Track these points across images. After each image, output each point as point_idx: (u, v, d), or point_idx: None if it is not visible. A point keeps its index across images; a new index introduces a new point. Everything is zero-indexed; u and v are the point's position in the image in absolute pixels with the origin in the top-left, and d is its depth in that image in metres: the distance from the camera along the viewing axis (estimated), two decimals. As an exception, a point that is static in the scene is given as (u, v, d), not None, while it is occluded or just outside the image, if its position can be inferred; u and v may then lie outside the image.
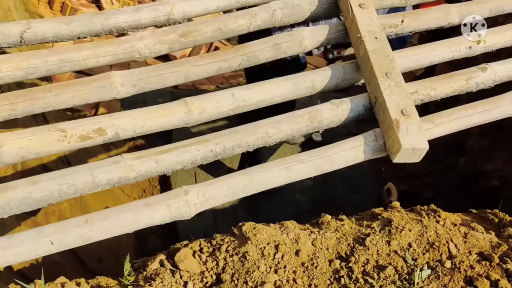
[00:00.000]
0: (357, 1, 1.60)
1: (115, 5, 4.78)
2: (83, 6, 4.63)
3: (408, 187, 3.35)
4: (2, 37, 1.47)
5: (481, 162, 2.92)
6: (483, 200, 2.86)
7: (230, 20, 1.62)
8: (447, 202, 3.12)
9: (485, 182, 2.82)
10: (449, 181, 3.20)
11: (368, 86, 1.48)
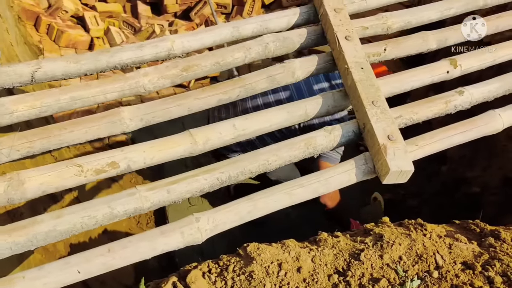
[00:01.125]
0: (343, 34, 1.74)
1: (100, 25, 4.86)
2: (69, 27, 4.70)
3: (393, 196, 3.50)
4: (14, 77, 1.58)
5: (462, 169, 3.09)
6: (465, 206, 3.03)
7: (227, 54, 1.75)
8: (431, 210, 3.29)
9: (467, 188, 2.99)
10: (432, 188, 3.36)
11: (356, 113, 1.62)
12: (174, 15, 5.49)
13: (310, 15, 1.92)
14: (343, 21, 1.78)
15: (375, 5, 1.99)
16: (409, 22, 1.95)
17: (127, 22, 5.16)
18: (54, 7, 4.72)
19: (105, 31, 4.85)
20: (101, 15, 5.04)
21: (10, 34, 2.04)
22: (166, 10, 5.42)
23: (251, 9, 5.37)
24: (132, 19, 5.23)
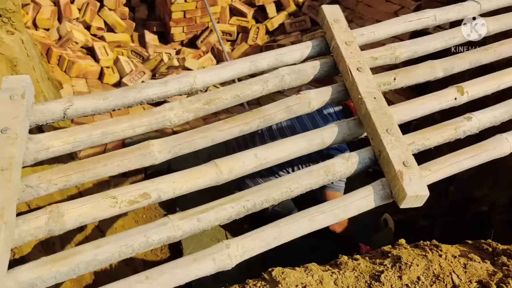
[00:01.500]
0: (355, 65, 1.84)
1: (110, 55, 5.00)
2: (79, 58, 4.84)
3: (404, 216, 3.56)
4: (48, 114, 1.67)
5: (470, 189, 3.16)
6: (475, 225, 3.10)
7: (246, 87, 1.85)
8: (441, 229, 3.35)
9: (475, 208, 3.06)
10: (441, 208, 3.43)
11: (371, 140, 1.71)
12: (181, 43, 5.65)
13: (322, 48, 2.03)
14: (354, 53, 1.89)
15: (383, 36, 2.10)
16: (416, 52, 2.05)
17: (135, 51, 5.30)
18: (65, 39, 4.87)
19: (115, 61, 4.98)
20: (110, 45, 5.19)
21: (36, 71, 2.15)
22: (173, 39, 5.58)
23: (256, 36, 5.52)
24: (140, 48, 5.38)
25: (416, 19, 2.13)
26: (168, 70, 5.05)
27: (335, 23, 1.98)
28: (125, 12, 5.50)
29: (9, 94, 1.58)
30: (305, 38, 5.32)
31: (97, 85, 4.78)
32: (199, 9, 5.41)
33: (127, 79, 4.83)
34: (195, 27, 5.58)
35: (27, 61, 2.06)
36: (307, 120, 2.71)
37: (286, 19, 5.61)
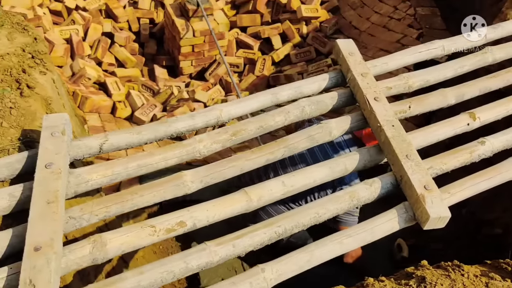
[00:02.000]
0: (372, 95, 1.95)
1: (121, 90, 5.14)
2: (92, 93, 4.97)
3: (417, 241, 3.61)
4: (85, 149, 1.77)
5: (482, 211, 3.23)
6: (488, 247, 3.15)
7: (269, 118, 1.95)
8: (454, 252, 3.40)
9: (488, 230, 3.12)
10: (454, 231, 3.48)
11: (392, 166, 1.80)
12: (190, 76, 5.79)
13: (338, 79, 2.14)
14: (370, 84, 2.00)
15: (395, 67, 2.22)
16: (427, 81, 2.16)
17: (146, 85, 5.44)
18: (78, 75, 5.01)
19: (126, 95, 5.11)
20: (121, 80, 5.33)
21: (66, 109, 2.26)
22: (182, 72, 5.72)
23: (262, 67, 5.67)
24: (150, 82, 5.52)
25: (425, 50, 2.25)
26: (178, 102, 5.18)
27: (350, 56, 2.09)
28: (135, 48, 5.66)
29: (51, 131, 1.69)
30: (311, 68, 5.47)
31: (110, 119, 4.90)
32: (207, 43, 5.56)
33: (139, 113, 4.95)
34: (203, 60, 5.73)
35: (58, 99, 2.18)
36: (316, 147, 2.79)
37: (291, 50, 5.77)
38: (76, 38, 5.15)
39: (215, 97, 5.35)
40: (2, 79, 1.98)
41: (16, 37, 2.16)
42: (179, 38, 5.38)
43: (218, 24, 5.62)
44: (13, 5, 4.94)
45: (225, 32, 5.68)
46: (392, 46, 5.10)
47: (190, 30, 5.34)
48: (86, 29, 5.36)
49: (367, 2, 5.78)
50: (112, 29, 5.50)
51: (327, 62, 5.39)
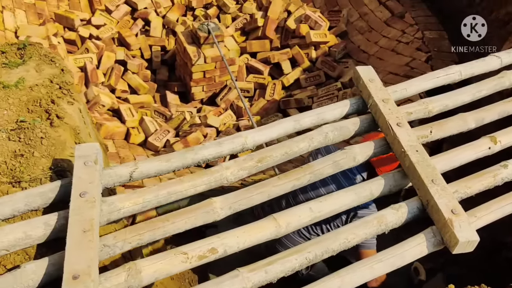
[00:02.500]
0: (394, 121, 1.98)
1: (135, 116, 5.20)
2: (106, 120, 5.04)
3: (434, 264, 3.60)
4: (115, 177, 1.81)
5: (501, 234, 3.22)
6: (507, 270, 3.14)
7: (293, 145, 1.99)
8: (472, 275, 3.38)
9: (508, 253, 3.11)
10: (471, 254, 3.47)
11: (418, 190, 1.83)
12: (201, 101, 5.87)
13: (359, 106, 2.18)
14: (392, 110, 2.03)
15: (414, 92, 2.26)
16: (446, 105, 2.20)
17: (159, 111, 5.51)
18: (93, 102, 5.09)
19: (140, 121, 5.18)
20: (134, 106, 5.41)
21: (91, 137, 2.30)
22: (193, 98, 5.80)
23: (273, 91, 5.74)
24: (162, 108, 5.59)
25: (443, 75, 2.29)
26: (191, 127, 5.23)
27: (370, 82, 2.14)
28: (147, 74, 5.75)
29: (83, 160, 1.73)
30: (321, 92, 5.53)
31: (124, 145, 4.95)
32: (217, 69, 5.65)
33: (152, 138, 5.00)
34: (214, 86, 5.82)
35: (84, 128, 2.22)
36: (341, 177, 2.79)
37: (301, 74, 5.85)
38: (90, 66, 5.25)
39: (226, 121, 5.41)
40: (32, 110, 2.03)
41: (44, 69, 2.22)
42: (190, 65, 5.47)
43: (229, 50, 5.72)
44: (29, 35, 5.06)
45: (236, 58, 5.77)
46: (401, 69, 5.16)
47: (202, 57, 5.43)
48: (100, 57, 5.46)
49: (375, 26, 5.87)
50: (125, 57, 5.61)
51: (337, 86, 5.46)
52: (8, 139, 1.90)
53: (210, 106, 5.72)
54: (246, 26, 6.24)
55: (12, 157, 1.85)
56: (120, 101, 5.42)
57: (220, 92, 5.84)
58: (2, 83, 2.08)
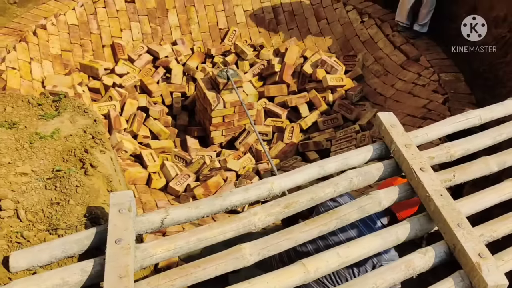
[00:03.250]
0: (418, 166, 2.03)
1: (156, 161, 5.30)
2: (129, 166, 5.14)
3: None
4: (147, 224, 1.87)
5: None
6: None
7: (319, 190, 2.04)
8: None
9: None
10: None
11: (444, 234, 1.85)
12: (220, 145, 5.96)
13: (382, 151, 2.23)
14: (415, 155, 2.08)
15: (435, 137, 2.31)
16: (468, 149, 2.24)
17: (179, 155, 5.61)
18: (116, 149, 5.21)
19: (161, 166, 5.27)
20: (155, 151, 5.52)
21: (121, 185, 2.38)
22: (213, 142, 5.90)
23: (291, 135, 5.82)
24: (183, 153, 5.69)
25: (463, 120, 2.34)
26: (211, 172, 5.31)
27: (392, 128, 2.20)
28: (168, 120, 5.90)
29: (118, 208, 1.79)
30: (339, 134, 5.59)
31: (146, 190, 5.03)
32: (236, 113, 5.78)
33: (173, 183, 5.08)
34: (233, 130, 5.93)
35: (115, 175, 2.31)
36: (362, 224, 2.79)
37: (319, 117, 5.94)
38: (114, 113, 5.41)
39: (246, 165, 5.48)
40: (67, 159, 2.12)
41: (77, 120, 2.33)
42: (210, 110, 5.60)
43: (247, 95, 5.86)
44: (55, 85, 5.27)
45: (254, 102, 5.90)
46: (419, 111, 5.22)
47: (221, 102, 5.57)
48: (123, 104, 5.63)
49: (391, 69, 5.98)
50: (147, 103, 5.77)
51: (355, 128, 5.52)
52: (44, 187, 1.98)
53: (229, 150, 5.81)
54: (264, 71, 6.41)
55: (48, 205, 1.93)
56: (142, 147, 5.54)
57: (239, 136, 5.94)
58: (39, 134, 2.18)
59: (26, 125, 2.22)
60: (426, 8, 5.81)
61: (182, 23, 6.52)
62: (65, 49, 5.70)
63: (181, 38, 6.48)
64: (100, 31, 6.02)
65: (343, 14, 6.63)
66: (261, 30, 6.78)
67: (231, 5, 6.73)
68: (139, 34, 6.28)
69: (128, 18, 6.23)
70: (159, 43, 6.35)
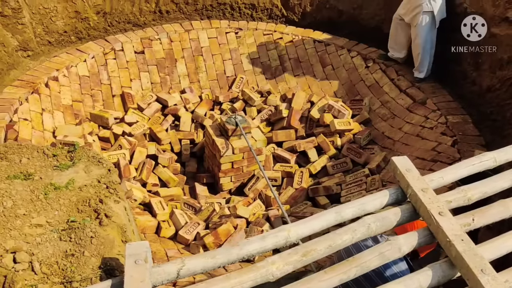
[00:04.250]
0: (436, 210, 2.00)
1: (166, 210, 5.27)
2: (138, 214, 5.11)
3: None
4: (163, 275, 1.83)
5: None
6: None
7: (337, 237, 2.01)
8: None
9: None
10: None
11: (468, 281, 1.80)
12: (229, 192, 5.94)
13: (398, 195, 2.21)
14: (432, 199, 2.06)
15: (450, 180, 2.29)
16: (485, 192, 2.22)
17: (188, 203, 5.59)
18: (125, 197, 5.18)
19: (170, 214, 5.23)
20: (165, 199, 5.49)
21: (135, 234, 2.36)
22: (222, 189, 5.88)
23: (300, 180, 5.80)
24: (192, 200, 5.66)
25: (478, 163, 2.33)
26: (220, 219, 5.26)
27: (407, 172, 2.18)
28: (177, 167, 5.90)
29: (134, 259, 1.77)
30: (349, 178, 5.57)
31: (155, 240, 4.97)
32: (245, 159, 5.78)
33: (183, 231, 5.03)
34: (242, 176, 5.91)
35: (129, 225, 2.29)
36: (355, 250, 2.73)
37: (328, 162, 5.93)
38: (123, 162, 5.43)
39: (256, 211, 5.43)
40: (82, 209, 2.12)
41: (92, 170, 2.34)
42: (219, 156, 5.62)
43: (256, 140, 5.88)
44: (66, 135, 5.32)
45: (263, 147, 5.91)
46: (428, 154, 5.21)
47: (230, 148, 5.59)
48: (132, 152, 5.66)
49: (398, 113, 6.02)
50: (156, 151, 5.80)
51: (364, 172, 5.50)
52: (59, 239, 1.97)
53: (238, 197, 5.78)
54: (271, 117, 6.46)
55: (63, 257, 1.91)
56: (151, 195, 5.52)
57: (248, 182, 5.92)
58: (54, 184, 2.19)
59: (41, 176, 2.22)
60: (416, 51, 5.90)
61: (190, 72, 6.65)
62: (76, 100, 5.80)
63: (190, 86, 6.59)
64: (111, 82, 6.14)
65: (348, 60, 6.75)
66: (268, 76, 6.88)
67: (238, 54, 6.88)
68: (148, 84, 6.39)
69: (138, 68, 6.36)
70: (168, 92, 6.45)
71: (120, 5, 6.42)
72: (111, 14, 6.40)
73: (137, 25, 6.68)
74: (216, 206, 5.45)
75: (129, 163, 5.57)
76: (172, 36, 6.66)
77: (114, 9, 6.36)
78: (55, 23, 5.99)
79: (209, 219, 5.32)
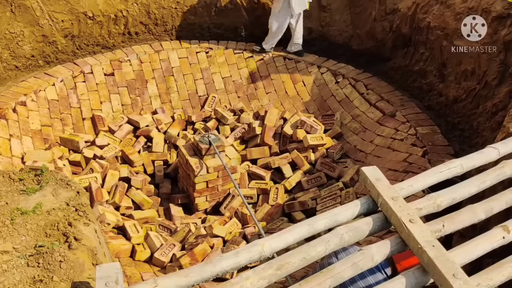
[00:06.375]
0: (406, 218, 2.03)
1: (140, 232, 5.18)
2: (112, 238, 5.01)
3: None
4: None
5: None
6: None
7: (311, 249, 2.00)
8: None
9: None
10: None
11: (440, 286, 1.82)
12: (205, 211, 5.89)
13: (369, 205, 2.23)
14: (403, 207, 2.08)
15: (420, 188, 2.33)
16: (454, 198, 2.26)
17: (163, 225, 5.51)
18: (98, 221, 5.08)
19: (145, 237, 5.15)
20: (139, 222, 5.40)
21: (106, 257, 2.31)
22: (197, 208, 5.83)
23: (276, 196, 5.80)
24: (167, 222, 5.59)
25: (446, 170, 2.37)
26: (196, 239, 5.20)
27: (377, 181, 2.21)
28: (151, 189, 5.83)
29: (105, 281, 1.73)
30: (323, 193, 5.59)
31: (130, 263, 4.88)
32: (220, 178, 5.76)
33: (158, 254, 4.94)
34: (217, 195, 5.88)
35: (100, 248, 2.24)
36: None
37: (302, 177, 5.95)
38: (95, 185, 5.34)
39: (232, 230, 5.39)
40: (50, 233, 2.07)
41: (60, 193, 2.29)
42: (193, 176, 5.58)
43: (230, 159, 5.87)
44: (35, 160, 5.21)
45: (237, 165, 5.90)
46: (400, 165, 5.28)
47: (204, 167, 5.56)
48: (104, 176, 5.57)
49: (368, 126, 6.11)
50: (129, 174, 5.72)
51: (338, 186, 5.54)
52: (27, 265, 1.91)
53: (214, 216, 5.73)
54: (245, 135, 6.47)
55: (31, 283, 1.85)
56: (125, 218, 5.43)
57: (224, 201, 5.89)
58: (20, 209, 2.13)
59: (7, 201, 2.16)
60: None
61: (161, 92, 6.63)
62: (45, 124, 5.70)
63: (161, 107, 6.56)
64: (80, 105, 6.07)
65: (318, 76, 6.84)
66: (240, 95, 6.91)
67: (209, 73, 6.90)
68: (119, 106, 6.34)
69: (108, 91, 6.31)
70: (139, 113, 6.41)
71: (88, 28, 6.38)
72: (80, 37, 6.35)
73: (106, 47, 6.64)
74: (192, 227, 5.39)
75: (101, 186, 5.48)
76: (142, 57, 6.65)
77: (82, 32, 6.32)
78: (22, 48, 5.91)
79: (185, 240, 5.25)
